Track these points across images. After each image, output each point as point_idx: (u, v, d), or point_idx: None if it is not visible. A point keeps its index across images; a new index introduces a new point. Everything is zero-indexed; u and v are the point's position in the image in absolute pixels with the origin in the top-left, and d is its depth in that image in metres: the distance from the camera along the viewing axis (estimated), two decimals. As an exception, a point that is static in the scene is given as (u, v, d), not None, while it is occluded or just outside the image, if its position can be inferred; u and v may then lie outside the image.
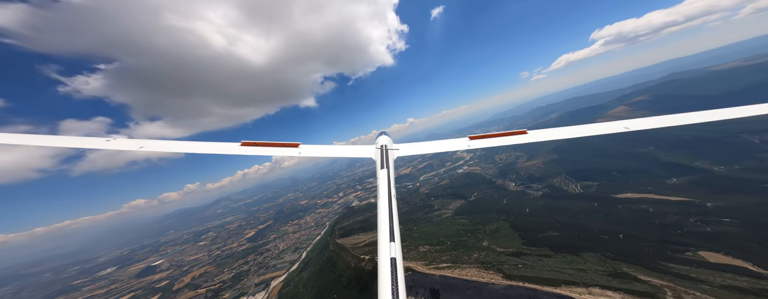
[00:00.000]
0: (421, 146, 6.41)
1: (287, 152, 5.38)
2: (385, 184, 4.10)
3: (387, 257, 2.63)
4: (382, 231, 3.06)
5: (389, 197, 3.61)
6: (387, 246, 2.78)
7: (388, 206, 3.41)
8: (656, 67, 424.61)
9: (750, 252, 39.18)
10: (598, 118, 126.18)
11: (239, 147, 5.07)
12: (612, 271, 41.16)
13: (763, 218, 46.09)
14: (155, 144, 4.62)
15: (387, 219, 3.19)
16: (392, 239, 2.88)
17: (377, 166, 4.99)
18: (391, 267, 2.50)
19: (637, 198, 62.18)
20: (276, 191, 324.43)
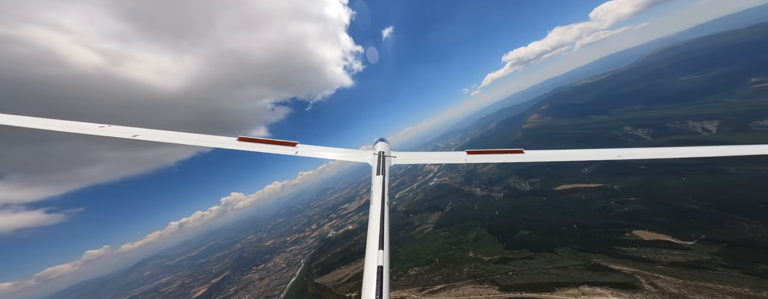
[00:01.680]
0: (419, 156, 5.36)
1: (284, 151, 4.71)
2: (380, 191, 3.65)
3: (374, 265, 2.34)
4: (372, 238, 2.70)
5: (382, 204, 3.27)
6: (375, 254, 2.48)
7: (380, 213, 3.07)
8: (545, 83, 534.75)
9: (662, 226, 46.43)
10: (523, 124, 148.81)
11: (236, 142, 4.52)
12: (587, 264, 42.59)
13: (651, 194, 56.86)
14: (150, 133, 4.17)
15: (378, 226, 2.86)
16: (381, 247, 2.57)
17: (373, 172, 4.30)
18: (377, 275, 2.23)
19: (570, 189, 70.79)
20: (231, 236, 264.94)
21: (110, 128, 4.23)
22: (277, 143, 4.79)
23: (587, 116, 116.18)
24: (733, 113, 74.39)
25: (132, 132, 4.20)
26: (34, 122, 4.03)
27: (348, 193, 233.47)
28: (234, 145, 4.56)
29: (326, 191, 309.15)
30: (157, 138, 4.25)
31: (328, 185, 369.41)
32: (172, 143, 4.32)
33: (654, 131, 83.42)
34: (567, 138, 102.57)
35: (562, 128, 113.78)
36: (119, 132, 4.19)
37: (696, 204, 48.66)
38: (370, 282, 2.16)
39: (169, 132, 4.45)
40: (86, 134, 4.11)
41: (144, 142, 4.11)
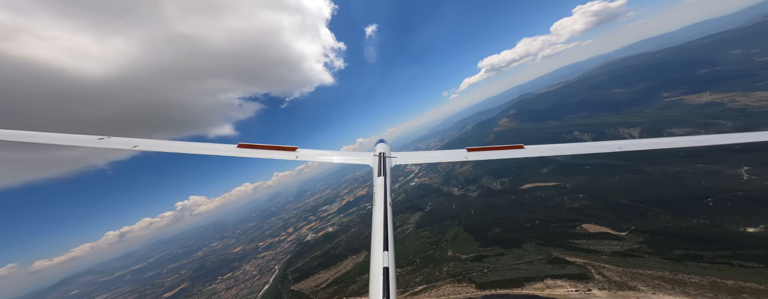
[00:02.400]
0: (419, 156, 5.42)
1: (284, 156, 4.69)
2: (381, 192, 3.66)
3: (380, 266, 2.36)
4: (376, 240, 2.72)
5: (385, 205, 3.30)
6: (380, 255, 2.48)
7: (383, 214, 3.10)
8: (513, 90, 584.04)
9: (603, 219, 54.04)
10: (495, 127, 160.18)
11: (236, 149, 4.54)
12: (548, 258, 47.39)
13: (595, 191, 65.87)
14: (149, 143, 4.30)
15: (381, 227, 2.88)
16: (386, 248, 2.59)
17: (374, 173, 4.27)
18: (383, 277, 2.24)
19: (533, 187, 78.43)
20: (189, 244, 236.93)
21: (110, 140, 4.26)
22: (278, 149, 4.75)
23: (546, 121, 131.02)
24: (651, 122, 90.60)
25: (132, 143, 4.26)
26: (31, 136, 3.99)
27: (328, 194, 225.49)
28: (234, 152, 4.53)
29: (304, 193, 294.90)
30: (157, 148, 4.35)
31: (306, 187, 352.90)
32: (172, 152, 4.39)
33: (595, 136, 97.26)
34: (529, 141, 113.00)
35: (526, 132, 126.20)
36: (119, 143, 4.23)
37: (626, 199, 57.75)
38: (376, 284, 2.13)
39: (169, 142, 4.56)
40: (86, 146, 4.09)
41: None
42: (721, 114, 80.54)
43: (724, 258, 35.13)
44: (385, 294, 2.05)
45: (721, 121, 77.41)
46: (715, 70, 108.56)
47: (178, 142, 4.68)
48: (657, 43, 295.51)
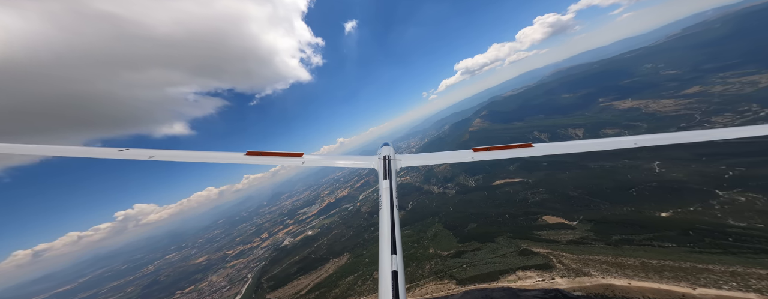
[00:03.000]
0: (424, 158, 5.49)
1: (291, 162, 4.95)
2: (387, 195, 3.73)
3: (388, 270, 2.37)
4: (384, 243, 2.78)
5: (391, 208, 3.33)
6: (389, 259, 2.51)
7: (390, 217, 3.12)
8: (485, 92, 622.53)
9: (559, 210, 61.34)
10: (469, 127, 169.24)
11: (244, 157, 4.71)
12: (518, 250, 51.98)
13: (551, 185, 74.40)
14: (164, 154, 4.53)
15: (389, 231, 2.92)
16: (394, 251, 2.62)
17: (380, 176, 4.49)
18: (392, 280, 2.25)
19: (502, 183, 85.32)
20: (135, 258, 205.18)
21: (128, 151, 4.46)
22: (285, 155, 4.90)
23: (511, 122, 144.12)
24: (591, 124, 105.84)
25: (149, 154, 4.47)
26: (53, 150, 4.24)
27: (307, 196, 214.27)
28: (243, 159, 4.64)
29: (280, 195, 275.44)
30: (171, 158, 4.51)
31: (283, 189, 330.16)
32: (186, 160, 4.56)
33: (550, 136, 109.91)
34: (498, 141, 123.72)
35: (496, 132, 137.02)
36: (137, 154, 4.42)
37: (575, 192, 66.49)
38: (385, 288, 2.14)
39: (180, 152, 4.68)
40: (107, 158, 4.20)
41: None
42: (639, 118, 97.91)
43: (647, 241, 42.69)
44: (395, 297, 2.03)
45: (639, 123, 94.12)
46: (633, 81, 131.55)
47: (191, 151, 4.83)
48: (594, 55, 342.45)
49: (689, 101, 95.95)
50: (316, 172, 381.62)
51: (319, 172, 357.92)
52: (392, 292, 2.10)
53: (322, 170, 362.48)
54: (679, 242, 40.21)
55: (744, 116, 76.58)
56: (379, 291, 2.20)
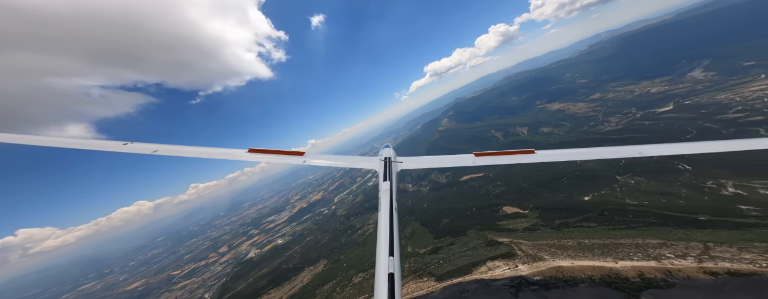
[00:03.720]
0: (425, 160, 5.41)
1: (292, 161, 4.88)
2: (387, 197, 3.79)
3: (385, 272, 2.36)
4: (382, 245, 2.74)
5: (391, 210, 3.38)
6: (386, 261, 2.49)
7: (389, 220, 3.14)
8: (451, 94, 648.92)
9: (514, 201, 69.81)
10: (439, 127, 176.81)
11: (246, 154, 4.64)
12: (486, 241, 57.02)
13: (507, 178, 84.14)
14: (167, 149, 4.50)
15: (387, 233, 2.89)
16: (391, 253, 2.60)
17: (380, 178, 4.58)
18: (388, 283, 2.24)
19: (469, 178, 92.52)
20: (30, 295, 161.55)
21: (133, 145, 4.38)
22: (286, 154, 4.82)
23: (473, 122, 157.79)
24: (532, 123, 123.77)
25: (152, 148, 4.38)
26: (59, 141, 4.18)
27: (275, 203, 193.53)
28: (244, 157, 4.52)
29: (241, 204, 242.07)
30: (174, 153, 4.44)
31: (244, 197, 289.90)
32: (188, 156, 4.43)
33: (504, 134, 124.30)
34: (464, 139, 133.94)
35: (461, 131, 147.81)
36: (141, 149, 4.35)
37: (525, 183, 76.73)
38: (381, 291, 2.13)
39: (183, 147, 4.61)
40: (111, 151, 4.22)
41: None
42: (564, 118, 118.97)
43: (579, 222, 52.01)
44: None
45: (564, 123, 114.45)
46: (559, 87, 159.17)
47: (194, 147, 4.60)
48: (533, 63, 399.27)
49: (594, 104, 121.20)
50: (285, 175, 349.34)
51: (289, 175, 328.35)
52: (388, 295, 2.04)
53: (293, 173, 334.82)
54: (599, 221, 50.09)
55: (627, 116, 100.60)
56: (375, 293, 2.12)
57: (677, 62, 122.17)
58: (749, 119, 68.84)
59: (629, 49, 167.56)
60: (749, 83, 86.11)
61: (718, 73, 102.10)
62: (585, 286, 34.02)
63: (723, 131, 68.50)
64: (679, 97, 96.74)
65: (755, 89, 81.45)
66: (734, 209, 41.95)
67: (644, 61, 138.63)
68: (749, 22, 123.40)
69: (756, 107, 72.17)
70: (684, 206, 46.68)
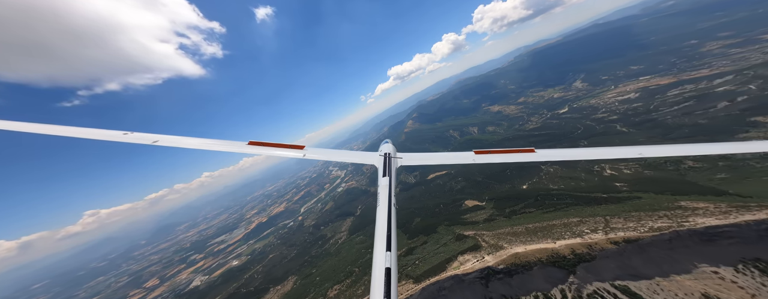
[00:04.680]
0: (425, 157, 5.22)
1: (292, 154, 4.70)
2: (386, 192, 3.66)
3: (382, 267, 2.33)
4: (379, 240, 2.70)
5: (389, 206, 3.32)
6: (383, 256, 2.46)
7: (387, 215, 3.12)
8: (413, 97, 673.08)
9: (473, 194, 76.75)
10: (404, 128, 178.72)
11: (246, 146, 4.55)
12: (454, 236, 60.29)
13: (466, 173, 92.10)
14: (168, 139, 4.39)
15: (385, 228, 2.88)
16: (389, 248, 2.56)
17: (379, 173, 4.37)
18: (385, 277, 2.22)
19: (436, 176, 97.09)
20: None
21: (133, 135, 4.27)
22: (286, 147, 4.72)
23: (434, 123, 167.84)
24: (480, 123, 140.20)
25: (152, 138, 4.27)
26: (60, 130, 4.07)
27: (224, 221, 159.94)
28: (244, 149, 4.44)
29: (174, 228, 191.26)
30: (175, 143, 4.29)
31: (175, 219, 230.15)
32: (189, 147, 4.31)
33: (460, 133, 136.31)
34: (427, 139, 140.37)
35: (425, 132, 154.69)
36: (141, 139, 4.24)
37: (480, 177, 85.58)
38: (378, 285, 2.11)
39: (183, 138, 4.48)
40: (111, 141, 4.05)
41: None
42: (502, 119, 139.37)
43: (522, 209, 60.67)
44: (386, 295, 2.00)
45: (502, 122, 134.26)
46: (497, 92, 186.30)
47: (194, 138, 4.51)
48: (478, 70, 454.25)
49: (520, 107, 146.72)
50: (237, 189, 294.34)
51: (242, 188, 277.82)
52: (384, 289, 2.01)
53: (245, 187, 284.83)
54: (536, 206, 59.52)
55: (542, 116, 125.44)
56: (371, 288, 2.08)
57: (566, 75, 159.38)
58: (610, 117, 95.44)
59: (538, 62, 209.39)
60: (607, 91, 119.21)
61: (590, 84, 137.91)
62: (537, 268, 39.13)
63: (597, 127, 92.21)
64: (571, 101, 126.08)
65: (610, 96, 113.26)
66: (613, 186, 56.32)
67: (548, 72, 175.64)
68: (604, 47, 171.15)
69: (613, 109, 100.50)
70: (585, 187, 60.03)
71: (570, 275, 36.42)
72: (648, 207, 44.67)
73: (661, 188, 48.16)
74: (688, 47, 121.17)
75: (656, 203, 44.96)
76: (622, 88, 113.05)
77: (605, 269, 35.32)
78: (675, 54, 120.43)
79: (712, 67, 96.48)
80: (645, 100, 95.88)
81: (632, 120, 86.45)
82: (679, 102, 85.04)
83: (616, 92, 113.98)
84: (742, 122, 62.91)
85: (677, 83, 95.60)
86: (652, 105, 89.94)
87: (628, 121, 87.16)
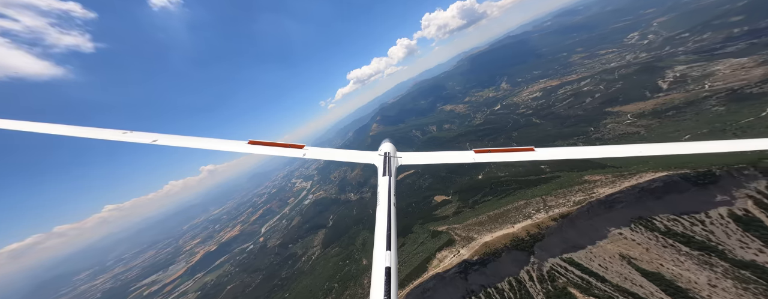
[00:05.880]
0: (424, 156, 5.16)
1: (292, 153, 4.63)
2: (386, 191, 3.65)
3: (382, 266, 2.28)
4: (379, 239, 2.66)
5: (389, 205, 3.30)
6: (383, 255, 2.40)
7: (387, 214, 3.08)
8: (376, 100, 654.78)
9: (440, 190, 79.54)
10: (369, 132, 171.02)
11: (246, 145, 4.49)
12: (430, 233, 60.24)
13: (430, 170, 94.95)
14: (167, 139, 4.31)
15: (385, 227, 2.84)
16: (388, 247, 2.52)
17: (379, 173, 4.38)
18: (385, 276, 2.18)
19: (404, 176, 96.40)
20: None
21: (132, 134, 4.20)
22: (286, 146, 4.61)
23: (397, 124, 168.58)
24: (437, 122, 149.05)
25: (152, 137, 4.19)
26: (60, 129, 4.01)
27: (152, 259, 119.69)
28: (244, 148, 4.34)
29: (70, 278, 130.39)
30: (174, 143, 4.22)
31: (64, 269, 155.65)
32: (188, 146, 4.24)
33: (421, 132, 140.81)
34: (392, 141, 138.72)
35: (390, 133, 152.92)
36: (140, 138, 4.15)
37: (443, 172, 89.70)
38: (378, 284, 2.07)
39: (183, 137, 4.40)
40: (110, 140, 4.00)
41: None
42: (454, 117, 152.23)
43: (482, 198, 65.91)
44: (386, 294, 1.97)
45: (455, 120, 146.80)
46: (447, 93, 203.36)
47: (194, 138, 4.41)
48: (430, 73, 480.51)
49: (467, 106, 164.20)
50: (166, 218, 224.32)
51: (171, 218, 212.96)
52: (384, 289, 1.96)
53: (180, 213, 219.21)
54: (492, 194, 65.56)
55: (483, 113, 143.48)
56: (371, 287, 2.04)
57: (495, 77, 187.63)
58: (528, 112, 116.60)
59: (475, 67, 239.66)
60: (523, 91, 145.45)
61: (511, 85, 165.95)
62: (505, 254, 41.90)
63: (520, 120, 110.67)
64: (501, 100, 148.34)
65: (525, 95, 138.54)
66: (540, 169, 67.20)
67: (483, 75, 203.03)
68: (516, 55, 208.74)
69: (528, 105, 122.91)
70: (523, 172, 69.82)
71: (530, 255, 40.17)
72: (567, 184, 54.35)
73: (570, 167, 59.98)
74: (562, 58, 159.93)
75: (571, 179, 55.25)
76: (532, 88, 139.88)
77: (553, 245, 40.38)
78: (557, 62, 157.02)
79: (577, 73, 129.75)
80: (546, 97, 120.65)
81: (541, 113, 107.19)
82: (565, 98, 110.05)
83: (528, 91, 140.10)
84: (601, 111, 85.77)
85: (561, 85, 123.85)
86: (550, 101, 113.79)
87: (538, 114, 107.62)
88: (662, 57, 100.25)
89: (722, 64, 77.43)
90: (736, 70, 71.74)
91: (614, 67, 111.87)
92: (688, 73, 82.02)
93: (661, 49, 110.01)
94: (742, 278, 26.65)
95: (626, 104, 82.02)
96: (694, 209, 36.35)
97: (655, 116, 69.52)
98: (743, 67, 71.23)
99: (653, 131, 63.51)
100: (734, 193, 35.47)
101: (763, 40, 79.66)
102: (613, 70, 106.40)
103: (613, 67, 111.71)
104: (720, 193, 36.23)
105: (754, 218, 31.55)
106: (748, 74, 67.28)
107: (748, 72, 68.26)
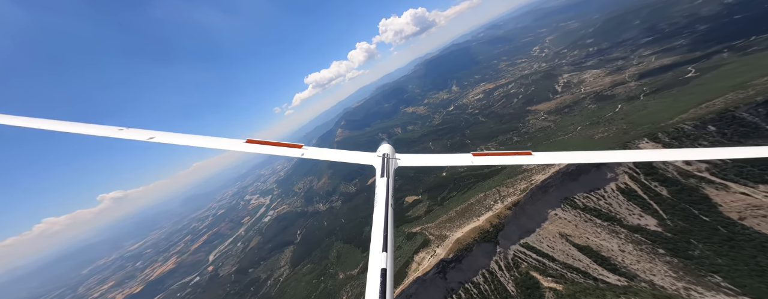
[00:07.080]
0: (423, 158, 4.92)
1: (290, 153, 4.48)
2: (383, 193, 3.52)
3: (378, 267, 2.23)
4: (375, 240, 2.58)
5: (386, 206, 3.18)
6: (378, 256, 2.35)
7: (384, 215, 2.96)
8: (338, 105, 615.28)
9: (411, 190, 79.02)
10: (334, 138, 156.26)
11: (244, 144, 4.31)
12: (405, 236, 57.99)
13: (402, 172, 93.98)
14: (164, 136, 4.11)
15: (381, 228, 2.74)
16: (384, 249, 2.46)
17: (377, 174, 4.19)
18: (380, 278, 2.14)
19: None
20: None
21: (129, 131, 4.10)
22: (284, 146, 4.52)
23: (363, 128, 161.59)
24: (401, 124, 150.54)
25: (148, 135, 4.06)
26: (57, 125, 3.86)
27: None
28: (242, 147, 4.21)
29: None
30: (171, 140, 4.08)
31: None
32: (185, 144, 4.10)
33: (387, 135, 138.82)
34: (359, 145, 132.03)
35: (356, 137, 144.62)
36: (137, 135, 4.03)
37: (411, 172, 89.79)
38: (373, 286, 2.04)
39: (180, 135, 4.21)
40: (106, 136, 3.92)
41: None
42: (416, 118, 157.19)
43: (448, 195, 68.12)
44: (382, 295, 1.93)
45: (417, 121, 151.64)
46: (408, 95, 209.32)
47: (191, 135, 4.22)
48: (391, 77, 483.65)
49: (426, 107, 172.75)
50: (52, 263, 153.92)
51: (62, 261, 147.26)
52: (380, 290, 1.92)
53: (75, 254, 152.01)
54: (456, 190, 68.57)
55: (441, 114, 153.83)
56: (366, 289, 1.98)
57: (447, 81, 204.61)
58: (474, 112, 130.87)
59: (430, 70, 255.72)
60: (469, 93, 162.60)
61: (460, 88, 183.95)
62: (476, 248, 42.91)
63: (470, 119, 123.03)
64: (454, 101, 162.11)
65: (471, 96, 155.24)
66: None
67: (437, 79, 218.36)
68: (461, 61, 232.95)
69: (475, 106, 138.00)
70: (477, 166, 76.13)
71: (496, 245, 42.23)
72: (511, 173, 61.11)
73: (512, 159, 68.53)
74: (493, 64, 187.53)
75: (513, 169, 62.44)
76: (475, 91, 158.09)
77: (512, 232, 43.62)
78: (490, 69, 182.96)
79: (505, 78, 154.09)
80: (487, 99, 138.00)
81: (485, 113, 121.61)
82: (500, 100, 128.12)
83: (473, 93, 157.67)
84: (524, 110, 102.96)
85: (496, 88, 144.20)
86: (490, 102, 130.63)
87: (483, 114, 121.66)
88: (555, 67, 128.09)
89: (588, 73, 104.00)
90: (596, 78, 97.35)
91: (528, 74, 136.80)
92: (570, 80, 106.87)
93: (553, 60, 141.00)
94: (637, 240, 34.31)
95: (539, 103, 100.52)
96: (597, 186, 45.16)
97: (557, 113, 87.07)
98: (599, 76, 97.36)
99: (557, 125, 78.89)
100: (616, 170, 45.78)
101: (606, 57, 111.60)
102: (528, 76, 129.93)
103: (527, 74, 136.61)
104: (609, 171, 46.11)
105: (632, 189, 41.54)
106: (603, 81, 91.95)
107: (602, 80, 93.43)
